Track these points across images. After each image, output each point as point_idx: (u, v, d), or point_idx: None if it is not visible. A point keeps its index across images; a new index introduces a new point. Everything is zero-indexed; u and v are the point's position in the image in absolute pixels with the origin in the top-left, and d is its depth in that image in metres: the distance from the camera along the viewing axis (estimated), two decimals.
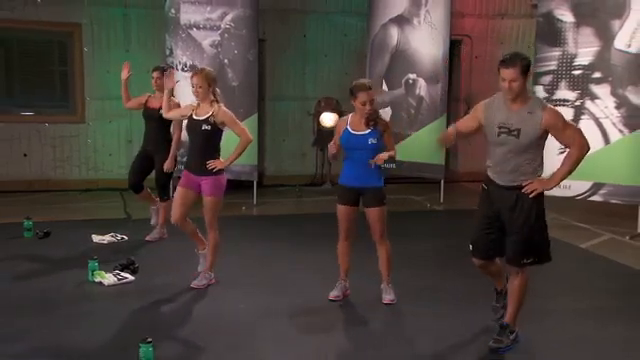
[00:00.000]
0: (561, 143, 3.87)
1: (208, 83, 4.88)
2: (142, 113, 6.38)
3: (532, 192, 3.80)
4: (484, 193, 3.97)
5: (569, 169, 3.84)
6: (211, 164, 4.88)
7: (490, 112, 3.88)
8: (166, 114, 5.26)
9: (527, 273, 3.96)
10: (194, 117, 4.94)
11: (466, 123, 4.07)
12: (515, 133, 3.76)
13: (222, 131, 4.98)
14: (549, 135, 3.83)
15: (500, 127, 3.80)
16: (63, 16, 8.78)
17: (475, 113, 3.98)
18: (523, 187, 3.81)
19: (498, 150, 3.86)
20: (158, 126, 6.12)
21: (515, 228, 3.85)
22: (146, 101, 6.36)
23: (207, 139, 4.91)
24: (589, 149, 3.84)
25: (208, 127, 4.87)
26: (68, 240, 6.32)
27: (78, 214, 7.64)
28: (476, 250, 4.02)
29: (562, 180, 3.90)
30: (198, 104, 4.98)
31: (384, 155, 4.48)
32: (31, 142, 8.93)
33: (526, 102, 3.80)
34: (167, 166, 6.14)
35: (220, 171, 4.93)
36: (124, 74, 6.31)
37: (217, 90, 5.01)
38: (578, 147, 3.82)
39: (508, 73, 3.71)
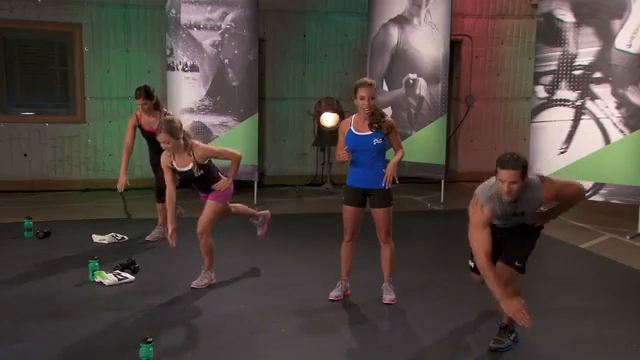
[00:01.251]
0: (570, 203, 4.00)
1: (174, 137, 4.77)
2: (141, 134, 6.24)
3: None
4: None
5: (569, 208, 4.05)
6: (217, 187, 4.98)
7: (495, 207, 3.77)
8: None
9: (517, 277, 3.96)
10: (178, 169, 4.94)
11: (486, 236, 3.75)
12: (519, 214, 3.82)
13: (212, 163, 5.03)
14: None
15: (506, 218, 3.84)
16: (63, 16, 8.78)
17: (484, 217, 3.75)
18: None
19: (503, 222, 3.91)
20: (159, 148, 6.02)
21: (518, 238, 3.94)
22: (139, 123, 6.16)
23: (205, 178, 4.98)
24: (585, 193, 4.01)
25: (201, 172, 4.92)
26: (68, 240, 6.32)
27: (78, 214, 7.64)
28: (477, 269, 3.99)
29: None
30: (173, 155, 4.92)
31: (389, 178, 4.58)
32: (31, 142, 8.93)
33: (524, 195, 3.72)
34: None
35: None
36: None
37: (186, 132, 4.91)
38: (577, 199, 4.00)
39: (508, 175, 3.59)
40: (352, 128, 4.65)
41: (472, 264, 4.08)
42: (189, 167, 4.89)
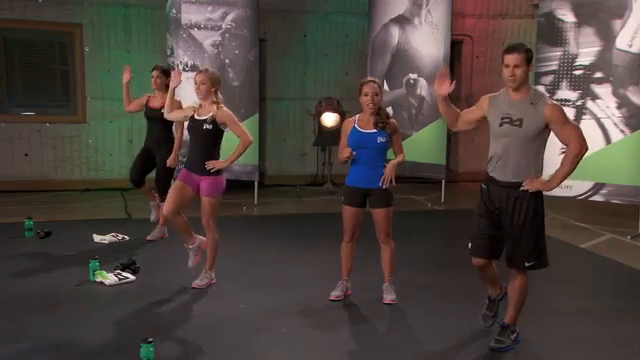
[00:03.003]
0: (560, 140, 3.84)
1: (212, 83, 4.91)
2: (144, 113, 6.39)
3: (531, 190, 3.79)
4: (483, 193, 3.95)
5: (569, 170, 3.82)
6: (210, 164, 4.88)
7: (494, 104, 3.90)
8: (167, 114, 5.27)
9: (527, 274, 3.95)
10: (195, 117, 4.96)
11: (471, 112, 4.08)
12: (517, 123, 3.77)
13: (223, 132, 4.99)
14: (550, 134, 3.82)
15: (503, 117, 3.82)
16: (64, 16, 8.78)
17: (481, 104, 3.99)
18: (523, 185, 3.80)
19: (500, 142, 3.85)
20: (160, 126, 6.13)
21: (516, 230, 3.83)
22: (147, 101, 6.37)
23: (208, 139, 4.92)
24: (587, 149, 3.82)
25: (210, 126, 4.88)
26: (69, 240, 6.32)
27: (79, 214, 7.64)
28: (475, 249, 3.97)
29: (562, 181, 3.87)
30: (200, 105, 4.99)
31: (388, 179, 4.58)
32: (32, 142, 8.93)
33: (528, 93, 3.82)
34: (170, 162, 6.14)
35: (219, 171, 4.93)
36: (125, 77, 6.32)
37: (219, 94, 5.00)
38: (577, 146, 3.78)
39: (512, 58, 3.75)
40: (356, 125, 4.66)
41: (470, 244, 4.02)
42: (205, 117, 4.90)
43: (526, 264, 3.87)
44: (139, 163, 6.40)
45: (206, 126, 4.88)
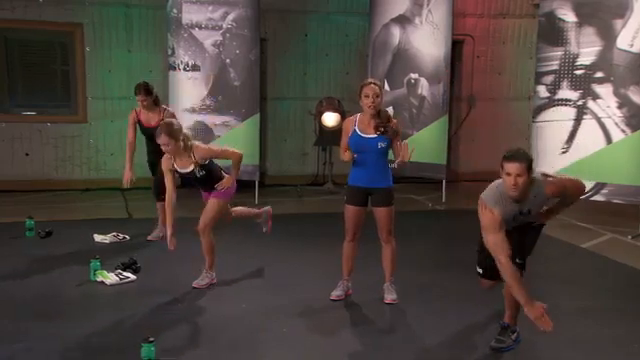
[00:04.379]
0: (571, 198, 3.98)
1: (175, 139, 4.77)
2: (140, 130, 6.27)
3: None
4: None
5: (570, 205, 4.02)
6: (220, 186, 4.98)
7: (503, 208, 3.75)
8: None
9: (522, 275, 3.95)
10: (180, 171, 4.94)
11: (503, 238, 3.68)
12: (526, 212, 3.80)
13: (212, 161, 5.01)
14: None
15: (514, 217, 3.80)
16: (65, 16, 8.78)
17: (496, 219, 3.69)
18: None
19: (511, 223, 3.87)
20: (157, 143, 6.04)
21: (519, 234, 3.91)
22: (138, 119, 6.21)
23: (208, 178, 4.98)
24: (585, 188, 3.97)
25: (202, 172, 4.91)
26: (70, 240, 6.32)
27: (80, 214, 7.64)
28: (487, 274, 4.02)
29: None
30: (174, 158, 4.91)
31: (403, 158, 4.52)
32: (33, 142, 8.94)
33: (529, 194, 3.72)
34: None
35: None
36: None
37: (186, 134, 4.89)
38: (579, 195, 3.98)
39: (514, 168, 3.59)
40: (357, 129, 4.63)
41: (480, 270, 4.05)
42: (190, 169, 4.89)
43: (517, 260, 3.88)
44: (159, 180, 6.15)
45: (199, 174, 4.91)
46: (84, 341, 4.05)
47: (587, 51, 7.28)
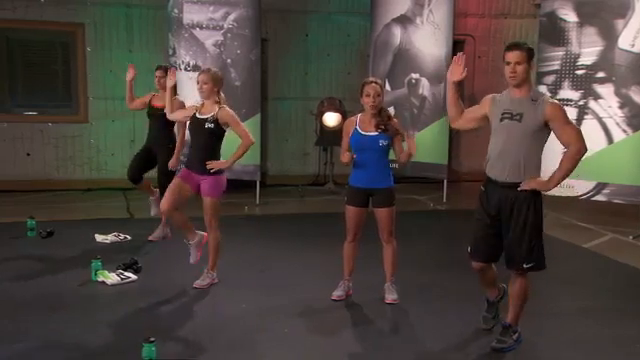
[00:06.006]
0: (560, 140, 3.81)
1: (214, 83, 4.92)
2: (146, 112, 6.40)
3: (530, 191, 3.78)
4: (482, 195, 3.94)
5: (568, 170, 3.80)
6: (210, 164, 4.87)
7: (496, 102, 3.91)
8: (170, 115, 5.29)
9: (527, 276, 3.94)
10: (197, 116, 4.97)
11: (473, 110, 4.06)
12: (517, 117, 3.77)
13: (224, 132, 4.98)
14: (550, 135, 3.82)
15: (503, 113, 3.82)
16: (66, 16, 8.79)
17: (483, 103, 3.99)
18: (521, 185, 3.79)
19: (499, 138, 3.85)
20: (162, 125, 6.13)
21: (516, 230, 3.83)
22: (150, 100, 6.38)
23: (209, 138, 4.92)
24: (586, 150, 3.80)
25: (211, 125, 4.88)
26: (71, 240, 6.33)
27: (81, 214, 7.64)
28: (475, 253, 4.00)
29: (561, 182, 3.86)
30: (202, 104, 5.00)
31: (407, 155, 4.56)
32: (34, 142, 8.95)
33: (530, 91, 3.83)
34: (171, 164, 6.14)
35: (220, 171, 4.93)
36: (129, 75, 6.33)
37: (222, 94, 5.02)
38: (576, 147, 3.76)
39: (513, 55, 3.76)
40: (358, 127, 4.64)
41: (470, 248, 4.04)
42: (207, 115, 4.90)
43: (525, 265, 3.86)
44: (137, 162, 6.40)
45: (208, 125, 4.88)
46: (85, 341, 4.05)
47: (588, 51, 7.28)
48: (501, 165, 3.84)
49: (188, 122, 5.13)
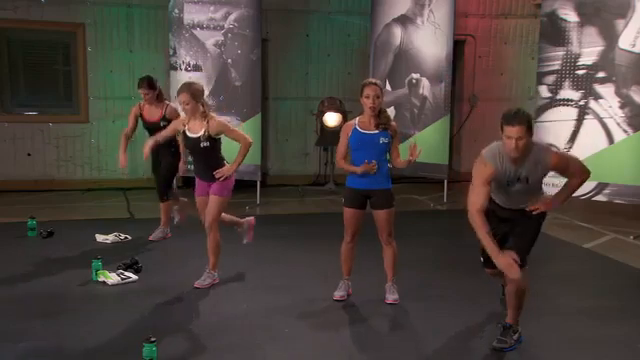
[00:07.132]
0: (564, 175, 3.94)
1: (195, 99, 4.83)
2: (142, 125, 6.29)
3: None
4: (489, 212, 3.90)
5: (573, 192, 3.95)
6: (218, 174, 4.91)
7: (498, 169, 3.77)
8: (162, 139, 5.26)
9: (526, 276, 3.94)
10: (188, 134, 4.95)
11: (485, 194, 3.77)
12: (524, 180, 3.79)
13: (220, 140, 5.00)
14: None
15: (509, 179, 3.80)
16: (67, 16, 8.80)
17: (485, 172, 3.76)
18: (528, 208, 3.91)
19: (504, 194, 3.89)
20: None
21: (517, 233, 3.91)
22: (141, 113, 6.23)
23: (209, 153, 4.95)
24: (590, 174, 3.90)
25: (207, 143, 4.88)
26: (72, 240, 6.33)
27: (81, 214, 7.65)
28: (489, 261, 4.00)
29: (565, 202, 3.97)
30: (188, 119, 4.96)
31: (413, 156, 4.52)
32: (35, 142, 8.95)
33: (530, 152, 3.72)
34: (182, 171, 6.20)
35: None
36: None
37: (206, 101, 4.97)
38: (581, 177, 3.89)
39: (515, 131, 3.59)
40: (357, 127, 4.62)
41: (482, 259, 4.07)
42: (199, 134, 4.87)
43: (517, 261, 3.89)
44: (160, 180, 6.33)
45: (203, 144, 4.88)
46: (86, 341, 4.05)
47: (589, 51, 7.28)
48: (509, 206, 3.96)
49: (180, 137, 5.13)
